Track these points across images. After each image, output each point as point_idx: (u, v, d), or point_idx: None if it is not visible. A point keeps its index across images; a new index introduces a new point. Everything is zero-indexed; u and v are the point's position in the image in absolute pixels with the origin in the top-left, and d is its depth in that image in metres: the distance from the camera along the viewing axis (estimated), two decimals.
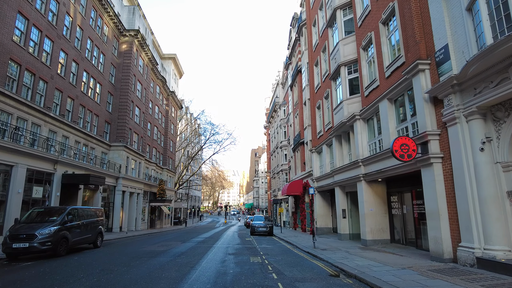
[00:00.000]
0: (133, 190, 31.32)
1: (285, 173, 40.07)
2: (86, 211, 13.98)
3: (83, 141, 24.29)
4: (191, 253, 12.01)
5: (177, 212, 59.71)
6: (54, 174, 19.34)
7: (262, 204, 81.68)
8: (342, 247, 13.91)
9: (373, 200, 14.23)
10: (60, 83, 21.36)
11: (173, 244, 15.71)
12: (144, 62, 35.82)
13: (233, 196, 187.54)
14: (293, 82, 31.89)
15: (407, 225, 13.03)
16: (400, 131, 11.95)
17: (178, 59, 51.36)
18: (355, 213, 17.40)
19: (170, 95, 47.29)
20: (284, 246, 15.46)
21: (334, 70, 17.61)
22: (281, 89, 45.67)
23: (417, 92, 9.98)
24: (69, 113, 22.69)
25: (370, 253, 11.46)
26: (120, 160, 28.99)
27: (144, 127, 35.87)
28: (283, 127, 41.32)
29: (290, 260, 10.54)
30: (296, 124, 31.04)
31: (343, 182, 16.80)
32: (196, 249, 13.66)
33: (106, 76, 28.42)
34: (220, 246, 15.18)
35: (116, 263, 9.61)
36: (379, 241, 13.94)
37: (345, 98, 16.25)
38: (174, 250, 13.22)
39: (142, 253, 11.99)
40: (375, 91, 13.68)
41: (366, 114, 14.55)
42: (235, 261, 10.10)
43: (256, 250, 13.38)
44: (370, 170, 13.70)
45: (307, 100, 25.97)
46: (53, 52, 20.54)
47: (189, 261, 9.97)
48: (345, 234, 17.20)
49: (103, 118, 27.82)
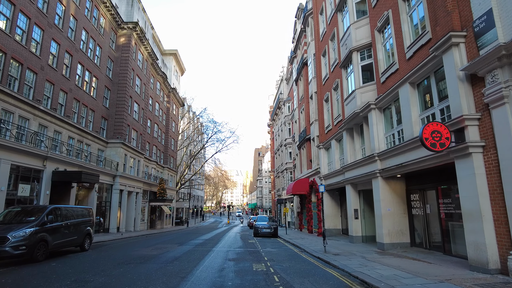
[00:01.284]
0: (131, 189, 30.01)
1: (290, 171, 38.57)
2: (71, 211, 12.62)
3: (78, 137, 23.01)
4: (185, 259, 10.58)
5: (179, 212, 58.44)
6: (44, 171, 18.03)
7: (266, 204, 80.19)
8: (356, 251, 12.41)
9: (390, 198, 12.71)
10: (52, 75, 20.07)
11: (169, 247, 14.31)
12: (143, 56, 34.53)
13: (236, 196, 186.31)
14: (299, 75, 30.40)
15: (431, 227, 11.49)
16: (425, 119, 10.43)
17: (179, 55, 50.05)
18: (369, 213, 15.88)
19: (171, 92, 45.98)
20: (290, 250, 13.99)
21: (345, 57, 16.11)
22: (285, 85, 44.18)
23: (449, 71, 8.46)
24: (61, 107, 21.40)
25: (390, 259, 9.96)
26: (117, 157, 27.70)
27: (143, 124, 34.56)
28: (287, 124, 39.83)
29: (300, 268, 9.07)
30: (302, 120, 29.55)
31: (355, 179, 15.30)
32: (192, 253, 12.23)
33: (102, 70, 27.14)
34: (220, 249, 13.75)
35: (96, 271, 8.22)
36: (398, 244, 12.42)
37: (358, 87, 14.75)
38: (168, 254, 11.81)
39: (131, 258, 10.60)
40: (393, 76, 12.17)
41: (383, 103, 13.04)
42: (235, 269, 8.66)
43: (260, 255, 11.93)
44: (388, 165, 12.20)
45: (314, 93, 24.48)
46: (43, 42, 19.25)
47: (182, 269, 8.55)
48: (357, 237, 15.68)
49: (99, 114, 26.54)
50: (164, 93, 44.40)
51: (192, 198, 71.12)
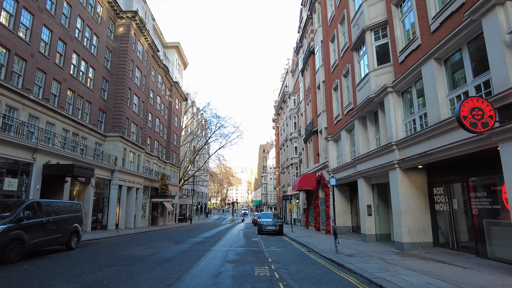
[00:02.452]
0: (131, 184, 28.90)
1: (295, 167, 37.18)
2: (55, 206, 11.42)
3: (73, 129, 21.87)
4: (178, 260, 9.32)
5: (183, 209, 57.45)
6: (33, 164, 16.92)
7: (271, 201, 78.96)
8: (371, 251, 11.04)
9: (410, 192, 11.29)
10: (43, 63, 18.90)
11: (164, 246, 13.08)
12: (143, 47, 33.28)
13: (241, 193, 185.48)
14: (305, 65, 28.91)
15: (459, 225, 10.06)
16: (455, 99, 8.97)
17: (182, 48, 48.74)
18: (383, 209, 14.47)
19: (174, 85, 44.75)
20: (297, 250, 12.66)
21: (357, 38, 14.63)
22: (290, 78, 42.69)
23: (492, 36, 7.01)
24: (55, 98, 20.25)
25: (415, 262, 8.57)
26: (116, 151, 26.56)
27: (144, 118, 33.39)
28: (293, 118, 38.39)
29: (309, 273, 7.74)
30: (308, 112, 28.10)
31: (368, 172, 13.87)
32: (188, 253, 10.97)
33: (100, 60, 25.95)
34: (220, 249, 12.46)
35: (70, 276, 6.99)
36: (419, 244, 11.01)
37: (372, 69, 13.28)
38: (160, 255, 10.57)
39: (118, 259, 9.37)
40: (414, 53, 10.70)
41: (402, 85, 11.58)
42: (233, 274, 7.35)
43: (263, 256, 10.62)
44: (407, 154, 10.77)
45: (321, 82, 23.02)
46: (33, 27, 18.06)
47: (170, 274, 7.28)
48: (370, 235, 14.28)
49: (96, 106, 25.38)
50: (166, 87, 43.19)
51: (196, 195, 70.12)
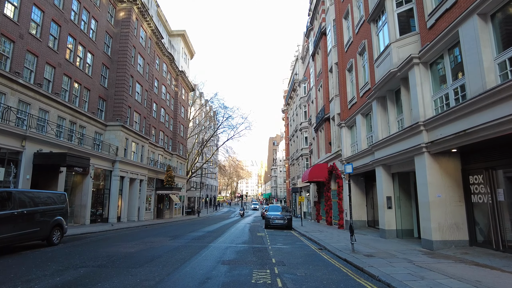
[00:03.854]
0: (134, 176, 27.80)
1: (306, 158, 35.47)
2: (32, 197, 10.14)
3: (69, 117, 20.71)
4: (164, 260, 7.88)
5: (191, 202, 56.57)
6: (23, 153, 15.79)
7: (281, 194, 77.47)
8: (394, 250, 9.37)
9: (441, 181, 9.53)
10: (34, 45, 17.67)
11: (157, 242, 11.72)
12: (146, 34, 31.85)
13: (251, 186, 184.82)
14: (316, 48, 26.98)
15: (504, 221, 8.29)
16: (507, 62, 7.14)
17: (188, 36, 47.18)
18: (405, 202, 12.73)
19: (180, 75, 43.35)
20: (307, 247, 11.09)
21: (375, 6, 12.74)
22: (300, 65, 40.70)
23: None
24: (49, 83, 19.06)
25: (454, 267, 6.90)
26: (117, 141, 25.40)
27: (147, 107, 32.13)
28: (303, 107, 36.53)
29: (321, 279, 6.18)
30: (320, 98, 26.26)
31: (389, 159, 12.12)
32: (180, 251, 9.54)
33: (99, 46, 24.65)
34: (218, 246, 11.01)
35: (19, 282, 5.62)
36: (452, 242, 9.29)
37: (394, 40, 11.44)
38: (148, 252, 9.18)
39: (95, 258, 8.03)
40: (449, 13, 8.83)
41: (431, 55, 9.75)
42: (224, 282, 5.85)
43: (267, 255, 9.09)
44: (439, 135, 8.99)
45: (334, 64, 21.15)
46: (21, 6, 16.78)
47: (144, 280, 5.83)
48: (390, 231, 12.58)
49: (96, 93, 24.18)
50: (172, 76, 41.84)
51: (204, 187, 69.19)
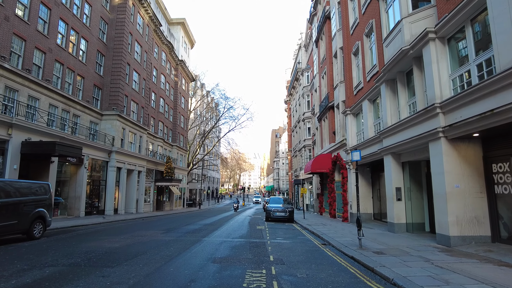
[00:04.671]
0: (131, 167, 27.02)
1: (308, 149, 34.47)
2: (8, 186, 9.29)
3: (62, 105, 19.83)
4: (148, 258, 7.03)
5: (193, 194, 55.98)
6: (9, 142, 14.96)
7: (283, 186, 76.74)
8: (406, 247, 8.45)
9: (459, 170, 8.54)
10: (22, 28, 16.69)
11: (147, 236, 10.89)
12: (144, 21, 30.71)
13: (254, 179, 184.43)
14: (319, 34, 25.75)
15: None
16: None
17: (188, 25, 45.91)
18: (417, 193, 11.76)
19: (179, 64, 42.22)
20: (309, 242, 10.20)
21: None
22: (303, 53, 39.40)
23: None
24: (39, 69, 18.13)
25: (481, 267, 5.96)
26: (113, 131, 24.55)
27: (146, 96, 31.19)
28: (306, 97, 35.40)
29: (326, 281, 5.28)
30: (323, 86, 25.14)
31: (399, 146, 11.12)
32: (169, 246, 8.69)
33: (94, 32, 23.60)
34: (213, 240, 10.15)
35: None
36: (471, 238, 8.34)
37: (406, 15, 10.32)
38: (133, 248, 8.34)
39: (72, 255, 7.22)
40: None
41: (449, 28, 8.65)
42: (210, 286, 4.95)
43: (265, 251, 8.21)
44: (458, 117, 7.97)
45: (339, 49, 19.98)
46: None
47: (116, 283, 4.95)
48: (400, 224, 11.65)
49: (90, 81, 23.23)
50: (171, 65, 40.74)
51: (206, 180, 68.58)
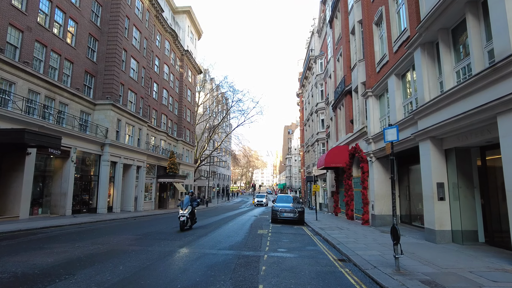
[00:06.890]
0: (129, 161, 24.91)
1: (322, 143, 31.59)
2: None
3: (45, 91, 17.73)
4: (74, 283, 4.56)
5: (201, 191, 53.93)
6: None
7: (295, 184, 73.79)
8: (468, 271, 5.67)
9: None
10: None
11: (109, 244, 8.45)
12: (143, 5, 28.49)
13: (267, 177, 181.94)
14: (334, 11, 22.82)
15: None
16: None
17: (194, 13, 43.55)
18: (466, 191, 8.87)
19: (185, 54, 39.94)
20: (322, 256, 7.52)
21: None
22: (316, 40, 36.40)
23: None
24: (15, 50, 16.07)
25: None
26: (107, 122, 22.43)
27: (145, 86, 29.00)
28: (319, 86, 32.47)
29: None
30: (339, 69, 22.24)
31: (443, 126, 8.25)
32: (123, 261, 6.22)
33: (85, 13, 21.47)
34: (191, 252, 7.58)
35: None
36: None
37: None
38: (68, 266, 5.92)
39: None
40: None
41: None
42: None
43: (254, 275, 5.59)
44: None
45: (357, 23, 17.09)
46: None
47: None
48: (443, 232, 8.80)
49: (81, 67, 21.12)
50: (176, 56, 38.50)
51: (216, 177, 66.44)
